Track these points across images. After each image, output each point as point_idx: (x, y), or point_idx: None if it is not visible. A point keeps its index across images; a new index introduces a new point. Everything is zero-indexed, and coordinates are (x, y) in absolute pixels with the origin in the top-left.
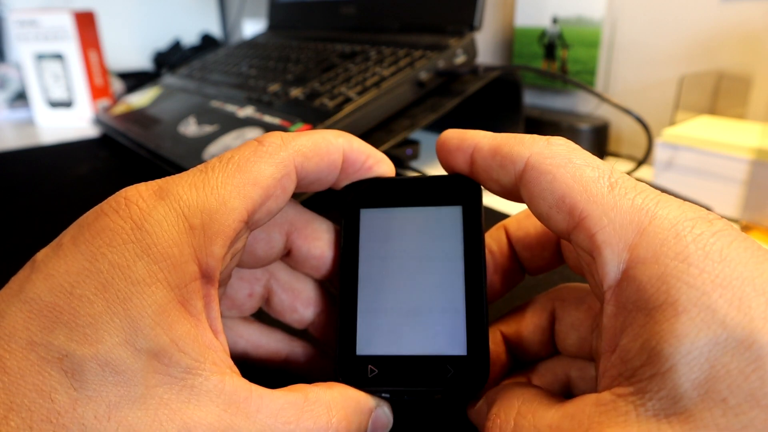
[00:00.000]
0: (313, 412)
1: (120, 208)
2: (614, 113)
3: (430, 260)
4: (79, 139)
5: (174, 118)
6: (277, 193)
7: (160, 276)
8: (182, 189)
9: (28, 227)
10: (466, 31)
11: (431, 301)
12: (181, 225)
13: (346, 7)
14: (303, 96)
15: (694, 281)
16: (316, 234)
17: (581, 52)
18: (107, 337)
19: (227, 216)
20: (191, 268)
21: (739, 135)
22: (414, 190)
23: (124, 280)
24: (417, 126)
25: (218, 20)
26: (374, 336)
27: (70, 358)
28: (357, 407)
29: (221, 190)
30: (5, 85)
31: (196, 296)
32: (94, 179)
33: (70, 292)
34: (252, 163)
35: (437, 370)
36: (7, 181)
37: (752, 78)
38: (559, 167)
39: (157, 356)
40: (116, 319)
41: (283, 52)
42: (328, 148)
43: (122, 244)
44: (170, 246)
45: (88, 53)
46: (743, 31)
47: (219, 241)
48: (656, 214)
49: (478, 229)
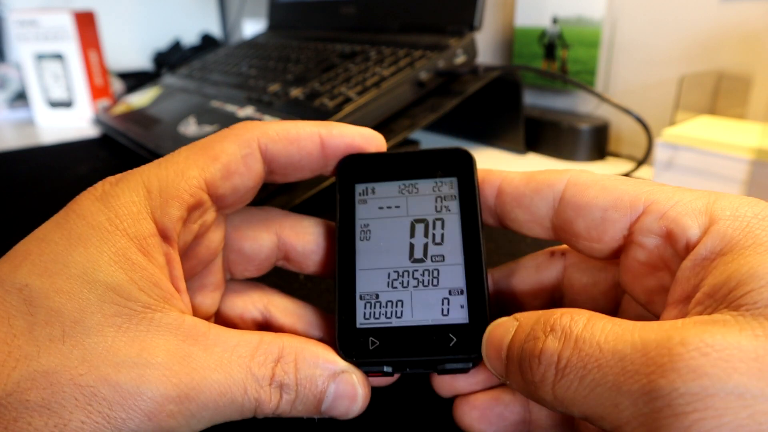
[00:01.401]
0: (266, 349)
1: (93, 187)
2: (614, 113)
3: (427, 232)
4: (79, 139)
5: (174, 118)
6: (241, 170)
7: (120, 225)
8: (147, 167)
9: (28, 227)
10: (466, 31)
11: (430, 272)
12: (141, 190)
13: (346, 7)
14: (303, 96)
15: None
16: (306, 230)
17: (581, 52)
18: (65, 270)
19: (183, 182)
20: (147, 224)
21: (739, 135)
22: (409, 164)
23: (86, 226)
24: (417, 126)
25: (218, 20)
26: (374, 308)
27: (29, 287)
28: (314, 359)
29: (181, 164)
30: (5, 85)
31: (155, 251)
32: (94, 179)
33: (41, 239)
34: (216, 143)
35: (439, 339)
36: (7, 181)
37: (752, 78)
38: (603, 179)
39: (115, 290)
40: (76, 256)
41: (283, 52)
42: (298, 134)
43: (89, 205)
44: (128, 204)
45: (88, 53)
46: (743, 31)
47: (175, 204)
48: (717, 195)
49: (474, 200)
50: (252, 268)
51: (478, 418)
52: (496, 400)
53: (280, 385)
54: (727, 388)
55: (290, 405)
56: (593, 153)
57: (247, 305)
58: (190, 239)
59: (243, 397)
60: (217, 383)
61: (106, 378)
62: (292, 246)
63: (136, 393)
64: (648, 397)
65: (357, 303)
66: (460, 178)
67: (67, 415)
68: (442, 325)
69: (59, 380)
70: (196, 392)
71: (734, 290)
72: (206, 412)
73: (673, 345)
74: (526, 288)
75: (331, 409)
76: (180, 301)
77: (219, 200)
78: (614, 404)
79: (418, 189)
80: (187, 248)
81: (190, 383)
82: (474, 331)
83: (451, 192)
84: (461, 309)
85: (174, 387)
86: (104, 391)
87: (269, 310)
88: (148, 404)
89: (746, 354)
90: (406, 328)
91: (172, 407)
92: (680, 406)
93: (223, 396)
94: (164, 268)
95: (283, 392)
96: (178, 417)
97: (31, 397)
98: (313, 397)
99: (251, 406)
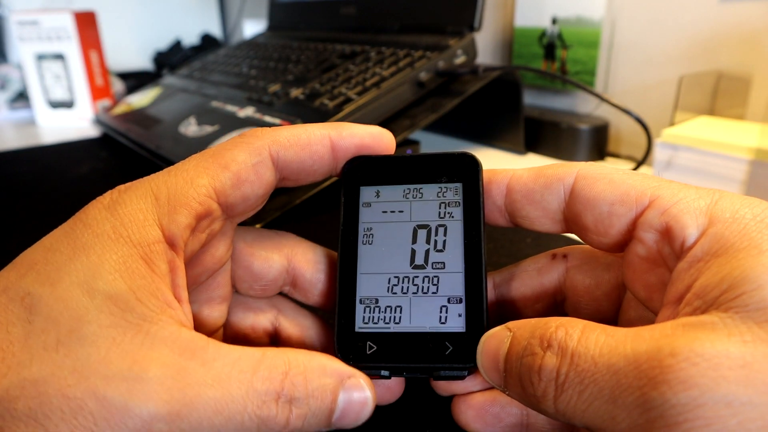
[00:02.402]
0: (270, 364)
1: (102, 196)
2: (614, 113)
3: (429, 238)
4: (79, 139)
5: (174, 118)
6: (251, 179)
7: (124, 233)
8: (157, 175)
9: (28, 227)
10: (466, 31)
11: (430, 279)
12: (148, 198)
13: (346, 8)
14: (303, 96)
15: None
16: (318, 258)
17: (581, 52)
18: (66, 278)
19: (192, 190)
20: (154, 231)
21: (738, 135)
22: (414, 168)
23: (90, 234)
24: (417, 126)
25: (218, 20)
26: (373, 313)
27: (31, 295)
28: (321, 370)
29: (191, 172)
30: (6, 86)
31: (159, 258)
32: (94, 179)
33: (47, 248)
34: (226, 151)
35: (436, 347)
36: (8, 180)
37: (751, 78)
38: (612, 172)
39: (114, 300)
40: (77, 264)
41: (284, 52)
42: (309, 139)
43: (96, 214)
44: (135, 212)
45: (88, 53)
46: (742, 31)
47: (183, 211)
48: (722, 194)
49: (478, 208)
50: (257, 287)
51: (474, 417)
52: (493, 402)
53: (289, 400)
54: (716, 397)
55: (302, 420)
56: (593, 153)
57: (258, 316)
58: (197, 248)
59: (242, 416)
60: (213, 400)
61: (94, 391)
62: (301, 272)
63: (123, 409)
64: (642, 409)
65: (357, 307)
66: (465, 184)
67: (53, 428)
68: (439, 333)
69: (47, 390)
70: (188, 410)
71: (726, 292)
72: (200, 431)
73: (664, 356)
74: (528, 291)
75: (342, 417)
76: (180, 311)
77: (228, 209)
78: (611, 416)
79: (422, 194)
80: (193, 256)
81: (183, 399)
82: (470, 340)
83: (456, 198)
84: (459, 318)
85: (164, 404)
86: (91, 404)
87: (279, 321)
88: (135, 422)
89: (734, 362)
90: (404, 334)
91: (161, 426)
92: (672, 416)
93: (219, 414)
94: (166, 277)
95: (293, 407)
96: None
97: (18, 406)
98: (325, 407)
99: (252, 425)
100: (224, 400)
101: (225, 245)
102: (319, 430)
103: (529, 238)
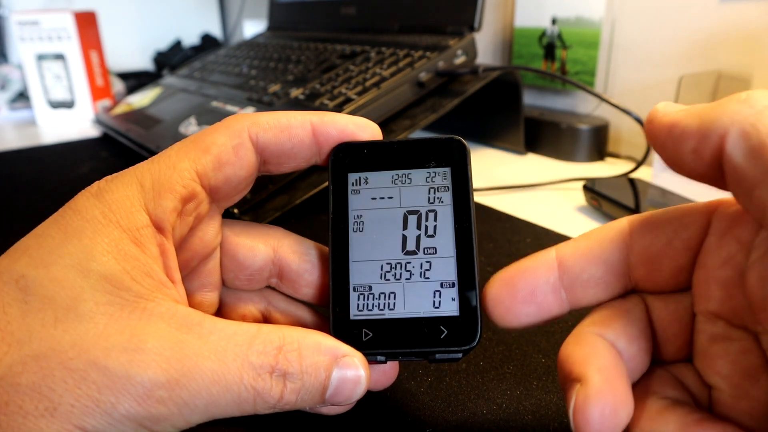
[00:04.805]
0: (265, 338)
1: (90, 186)
2: (614, 113)
3: (420, 224)
4: (79, 139)
5: (175, 118)
6: (232, 160)
7: (113, 218)
8: (141, 165)
9: (28, 227)
10: (465, 31)
11: (423, 264)
12: (134, 185)
13: (346, 8)
14: (303, 96)
15: None
16: (304, 250)
17: (581, 52)
18: (59, 260)
19: (175, 175)
20: (141, 216)
21: None
22: (402, 153)
23: (81, 220)
24: (417, 126)
25: (218, 20)
26: (368, 300)
27: (25, 278)
28: (316, 347)
29: (173, 158)
30: (7, 86)
31: (149, 241)
32: (94, 179)
33: (39, 235)
34: (207, 135)
35: (431, 332)
36: (9, 180)
37: (751, 78)
38: None
39: (108, 279)
40: (70, 248)
41: (284, 52)
42: (288, 122)
43: (84, 201)
44: (122, 199)
45: (89, 54)
46: (742, 31)
47: (168, 196)
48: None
49: (467, 191)
50: (243, 277)
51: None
52: None
53: (283, 374)
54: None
55: (296, 394)
56: (592, 153)
57: (249, 306)
58: (186, 231)
59: (238, 386)
60: (210, 371)
61: (95, 362)
62: (287, 263)
63: (125, 377)
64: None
65: (351, 295)
66: (454, 169)
67: (57, 399)
68: (434, 317)
69: (49, 364)
70: (187, 379)
71: None
72: (199, 400)
73: None
74: None
75: (335, 395)
76: (174, 291)
77: (213, 191)
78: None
79: (411, 179)
80: (183, 240)
81: (181, 369)
82: (464, 323)
83: (445, 183)
84: (452, 302)
85: (164, 372)
86: (93, 374)
87: (269, 312)
88: (137, 389)
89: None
90: (399, 320)
91: (162, 393)
92: None
93: (216, 384)
94: (158, 259)
95: (287, 381)
96: (168, 404)
97: (22, 380)
98: (318, 384)
99: (248, 396)
100: (221, 371)
101: (214, 229)
102: (313, 405)
103: (529, 238)
